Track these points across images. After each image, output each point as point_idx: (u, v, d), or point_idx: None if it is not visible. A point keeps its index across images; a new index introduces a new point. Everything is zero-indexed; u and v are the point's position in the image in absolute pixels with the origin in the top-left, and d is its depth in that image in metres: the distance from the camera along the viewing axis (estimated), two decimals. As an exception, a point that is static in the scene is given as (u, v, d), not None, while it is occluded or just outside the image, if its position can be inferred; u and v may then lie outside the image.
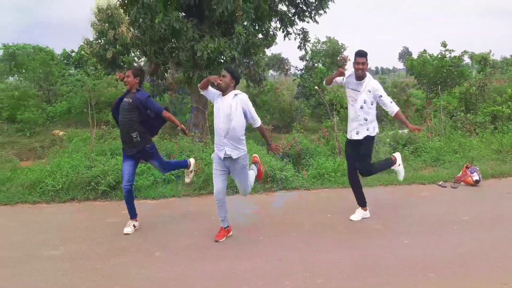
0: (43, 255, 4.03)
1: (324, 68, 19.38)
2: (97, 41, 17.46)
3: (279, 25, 10.92)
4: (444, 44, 13.99)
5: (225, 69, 4.18)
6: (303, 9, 10.74)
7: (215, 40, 8.55)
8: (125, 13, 10.18)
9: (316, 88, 13.04)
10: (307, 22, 10.92)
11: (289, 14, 10.83)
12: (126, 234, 4.54)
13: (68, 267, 3.75)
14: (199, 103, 9.93)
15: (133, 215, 4.72)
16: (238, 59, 9.15)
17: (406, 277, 3.50)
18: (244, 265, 3.78)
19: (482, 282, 3.41)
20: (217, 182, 4.22)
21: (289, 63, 36.92)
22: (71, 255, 4.03)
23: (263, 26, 10.46)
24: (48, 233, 4.62)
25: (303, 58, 22.10)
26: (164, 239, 4.41)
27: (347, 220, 4.87)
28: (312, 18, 10.78)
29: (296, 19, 10.85)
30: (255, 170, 4.69)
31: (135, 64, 16.79)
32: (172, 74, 12.20)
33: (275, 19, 10.76)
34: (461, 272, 3.57)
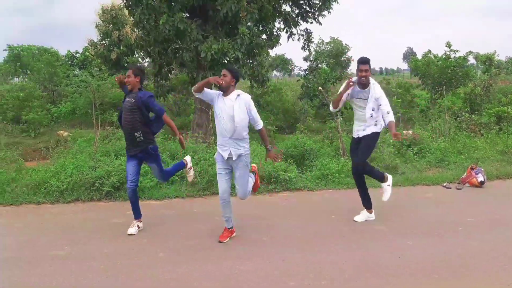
0: (49, 255, 4.05)
1: (328, 69, 19.36)
2: (102, 42, 17.57)
3: (283, 26, 10.94)
4: (449, 45, 13.96)
5: (225, 69, 4.20)
6: (307, 10, 10.74)
7: (219, 41, 8.56)
8: (130, 14, 10.24)
9: (320, 89, 13.03)
10: (311, 23, 10.93)
11: (293, 15, 10.83)
12: (130, 235, 4.54)
13: (73, 267, 3.77)
14: (203, 104, 9.93)
15: (138, 215, 4.72)
16: (242, 60, 9.17)
17: (410, 279, 3.48)
18: (247, 266, 3.78)
19: (487, 284, 3.39)
20: (222, 182, 4.24)
21: (293, 64, 36.95)
22: (76, 256, 4.04)
23: (267, 27, 10.46)
24: (53, 234, 4.63)
25: (307, 59, 22.08)
26: (168, 240, 4.42)
27: (351, 221, 4.86)
28: (316, 19, 10.78)
29: (300, 20, 10.85)
30: (253, 179, 4.63)
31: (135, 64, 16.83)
32: (176, 75, 12.23)
33: (279, 20, 10.77)
34: (465, 274, 3.55)
